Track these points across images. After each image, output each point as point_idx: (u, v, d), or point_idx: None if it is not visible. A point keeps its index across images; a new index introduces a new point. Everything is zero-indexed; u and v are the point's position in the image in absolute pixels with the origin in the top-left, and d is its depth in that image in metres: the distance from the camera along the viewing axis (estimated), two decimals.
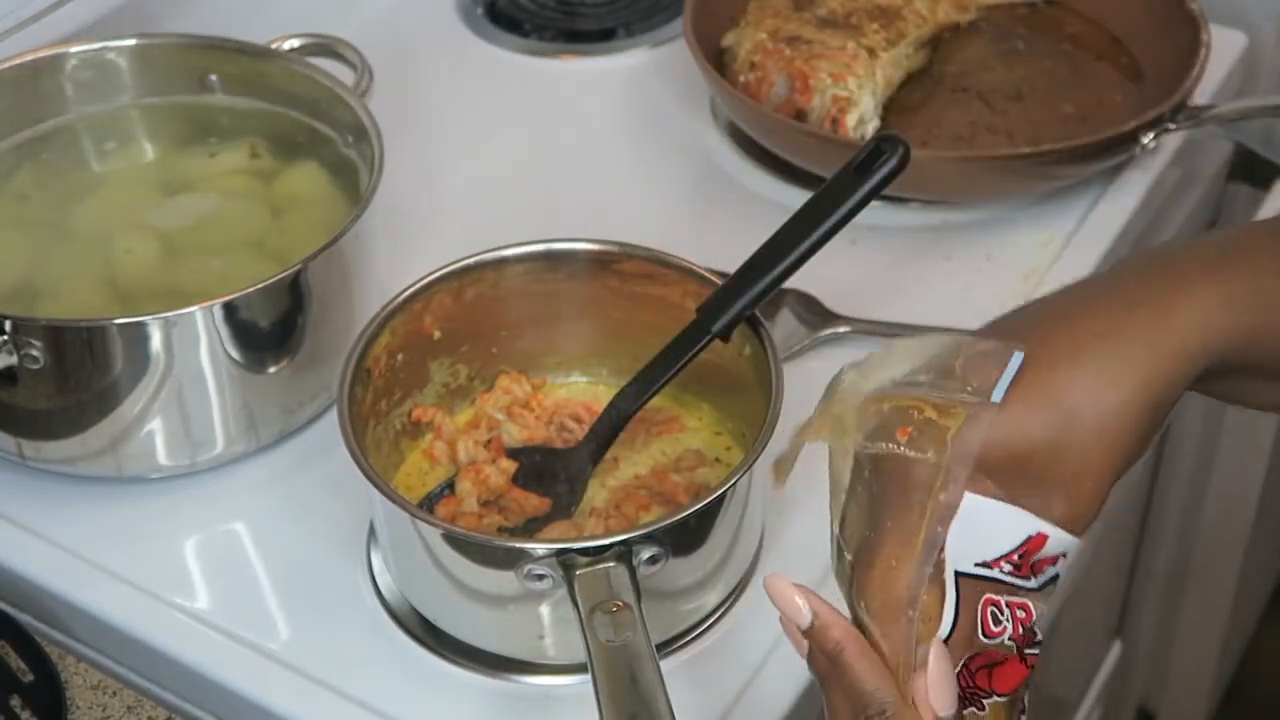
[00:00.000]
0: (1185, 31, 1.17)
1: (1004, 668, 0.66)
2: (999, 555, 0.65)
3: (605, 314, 0.95)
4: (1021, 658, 0.66)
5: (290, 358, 0.94)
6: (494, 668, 0.85)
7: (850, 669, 0.64)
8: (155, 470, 0.95)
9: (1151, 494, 1.57)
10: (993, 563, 0.65)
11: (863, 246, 1.07)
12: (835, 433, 0.68)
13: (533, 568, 0.79)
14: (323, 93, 1.04)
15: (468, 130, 1.22)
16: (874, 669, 0.64)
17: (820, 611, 0.65)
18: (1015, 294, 1.07)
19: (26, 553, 0.92)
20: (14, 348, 0.89)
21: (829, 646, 0.65)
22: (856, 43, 1.15)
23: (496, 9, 1.35)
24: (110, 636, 0.89)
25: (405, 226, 1.08)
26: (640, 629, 0.76)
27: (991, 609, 0.65)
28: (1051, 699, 1.54)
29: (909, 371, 0.67)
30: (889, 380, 0.67)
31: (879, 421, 0.66)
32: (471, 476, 0.89)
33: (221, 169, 1.07)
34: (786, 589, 0.66)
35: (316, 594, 0.90)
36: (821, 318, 1.03)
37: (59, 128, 1.07)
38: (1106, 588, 1.58)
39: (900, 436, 0.65)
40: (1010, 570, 0.65)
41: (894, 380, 0.67)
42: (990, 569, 0.65)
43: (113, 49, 1.07)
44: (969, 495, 0.64)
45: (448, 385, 0.95)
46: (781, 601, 0.66)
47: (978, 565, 0.65)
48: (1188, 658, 1.84)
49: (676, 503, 0.88)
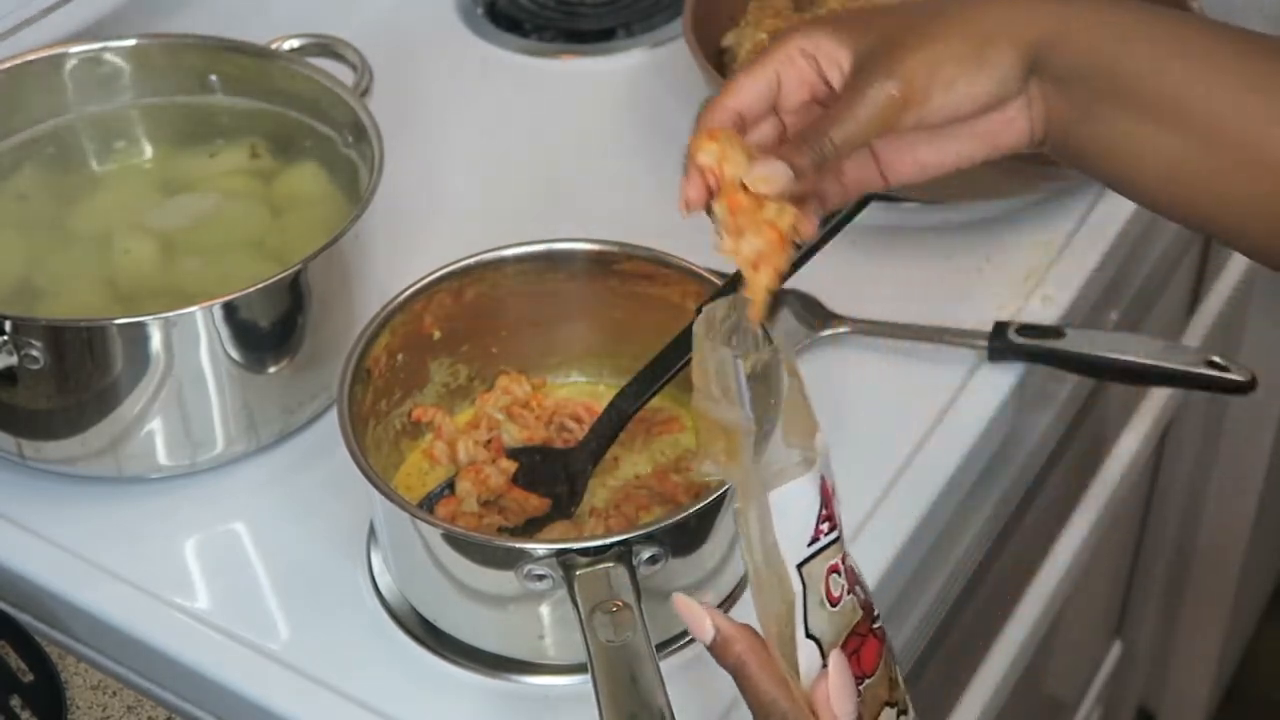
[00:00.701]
0: None
1: (863, 648, 0.69)
2: (815, 524, 0.68)
3: (605, 314, 0.95)
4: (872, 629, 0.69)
5: (290, 358, 0.94)
6: (494, 668, 0.85)
7: (750, 680, 0.68)
8: (155, 470, 0.95)
9: (1151, 494, 1.57)
10: (815, 533, 0.68)
11: (863, 246, 1.07)
12: None
13: (533, 568, 0.79)
14: (323, 93, 1.04)
15: (468, 130, 1.22)
16: (773, 679, 0.67)
17: (722, 627, 0.69)
18: (1015, 294, 1.07)
19: (26, 553, 0.92)
20: (14, 348, 0.89)
21: (730, 661, 0.69)
22: None
23: (496, 9, 1.35)
24: (110, 636, 0.89)
25: (405, 226, 1.08)
26: (640, 629, 0.76)
27: (832, 575, 0.68)
28: (1051, 699, 1.54)
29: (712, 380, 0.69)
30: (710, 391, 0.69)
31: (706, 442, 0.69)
32: (471, 476, 0.89)
33: (221, 169, 1.07)
34: (693, 607, 0.70)
35: (316, 594, 0.90)
36: (821, 318, 1.03)
37: (59, 128, 1.07)
38: (1106, 588, 1.58)
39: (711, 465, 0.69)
40: (828, 529, 0.68)
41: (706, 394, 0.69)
42: (817, 540, 0.68)
43: (113, 49, 1.07)
44: (771, 493, 0.67)
45: (448, 385, 0.95)
46: (688, 618, 0.70)
47: (809, 546, 0.67)
48: (1188, 658, 1.84)
49: (676, 503, 0.88)
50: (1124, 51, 0.71)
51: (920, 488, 0.95)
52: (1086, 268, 1.09)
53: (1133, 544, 1.61)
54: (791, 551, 0.67)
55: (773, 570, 0.67)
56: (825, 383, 1.00)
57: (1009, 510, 1.11)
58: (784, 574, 0.67)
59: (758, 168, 0.69)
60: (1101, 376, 1.09)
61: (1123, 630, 1.71)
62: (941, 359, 1.02)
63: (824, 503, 0.68)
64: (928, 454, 0.96)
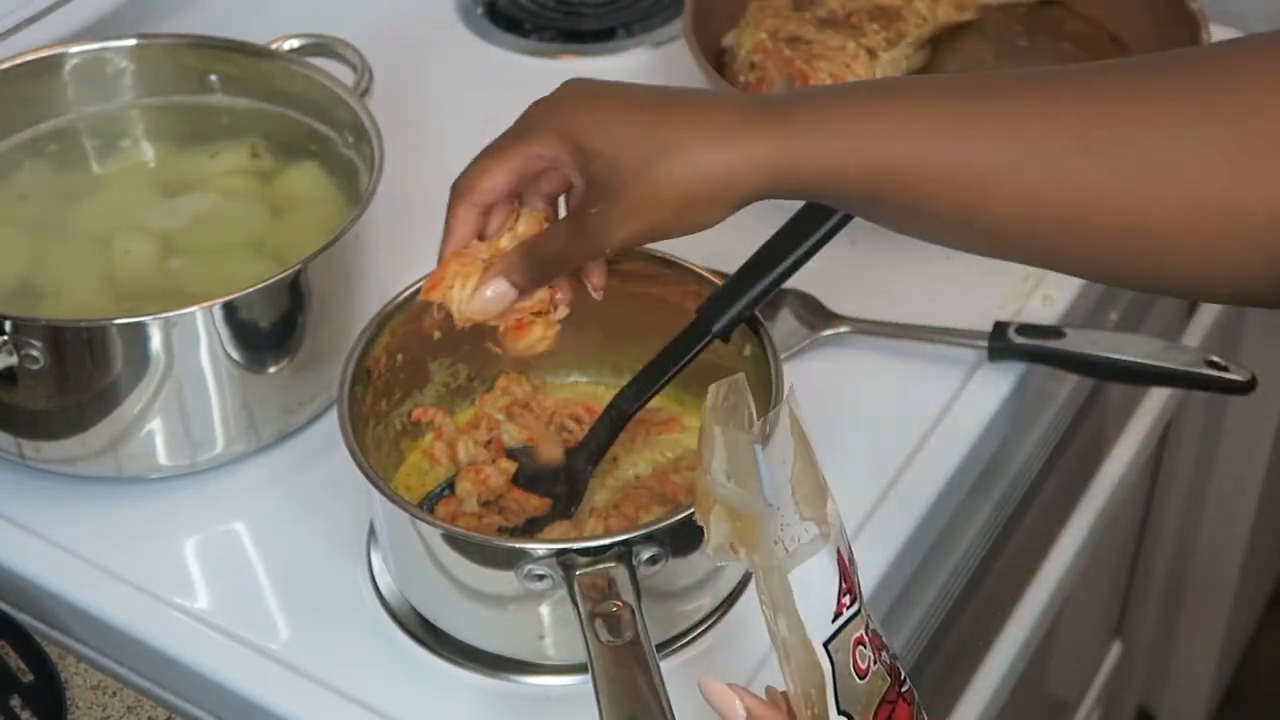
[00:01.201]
0: (1185, 31, 1.17)
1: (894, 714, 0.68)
2: (836, 598, 0.66)
3: (605, 314, 0.95)
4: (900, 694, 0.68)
5: (290, 358, 0.94)
6: (494, 668, 0.85)
7: None
8: (155, 470, 0.95)
9: (1151, 495, 1.57)
10: (838, 608, 0.66)
11: (863, 246, 1.07)
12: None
13: (533, 568, 0.79)
14: (323, 93, 1.04)
15: (468, 130, 1.21)
16: None
17: (753, 710, 0.68)
18: (1015, 294, 1.07)
19: (26, 553, 0.92)
20: (14, 348, 0.89)
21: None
22: (857, 43, 1.15)
23: (496, 9, 1.35)
24: (110, 636, 0.89)
25: (405, 226, 1.07)
26: (640, 629, 0.76)
27: (858, 648, 0.67)
28: (1051, 699, 1.54)
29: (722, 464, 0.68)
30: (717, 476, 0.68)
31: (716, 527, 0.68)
32: (471, 477, 0.89)
33: (221, 169, 1.07)
34: (721, 691, 0.68)
35: (316, 594, 0.90)
36: (821, 318, 1.03)
37: (59, 128, 1.07)
38: (1106, 588, 1.58)
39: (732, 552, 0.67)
40: (849, 601, 0.67)
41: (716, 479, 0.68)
42: (840, 615, 0.66)
43: (113, 49, 1.07)
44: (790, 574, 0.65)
45: (448, 385, 0.95)
46: (717, 703, 0.68)
47: (833, 622, 0.66)
48: (1188, 658, 1.84)
49: (676, 503, 0.88)
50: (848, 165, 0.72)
51: (920, 488, 0.95)
52: None
53: (1133, 544, 1.61)
54: (816, 630, 0.66)
55: (800, 651, 0.66)
56: (825, 383, 1.00)
57: (1009, 510, 1.11)
58: (811, 654, 0.66)
59: (478, 297, 0.81)
60: (1101, 376, 1.10)
61: (1123, 630, 1.71)
62: (941, 359, 1.02)
63: (843, 575, 0.67)
64: (928, 454, 0.96)
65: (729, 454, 0.66)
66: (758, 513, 0.65)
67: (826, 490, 0.67)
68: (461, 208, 0.81)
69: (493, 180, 0.80)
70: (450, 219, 0.82)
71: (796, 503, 0.66)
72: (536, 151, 0.78)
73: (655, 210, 0.75)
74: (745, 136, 0.73)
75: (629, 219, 0.75)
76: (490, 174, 0.80)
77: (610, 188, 0.75)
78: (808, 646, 0.66)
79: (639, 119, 0.75)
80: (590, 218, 0.76)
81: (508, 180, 0.80)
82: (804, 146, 0.72)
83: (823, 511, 0.67)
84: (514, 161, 0.79)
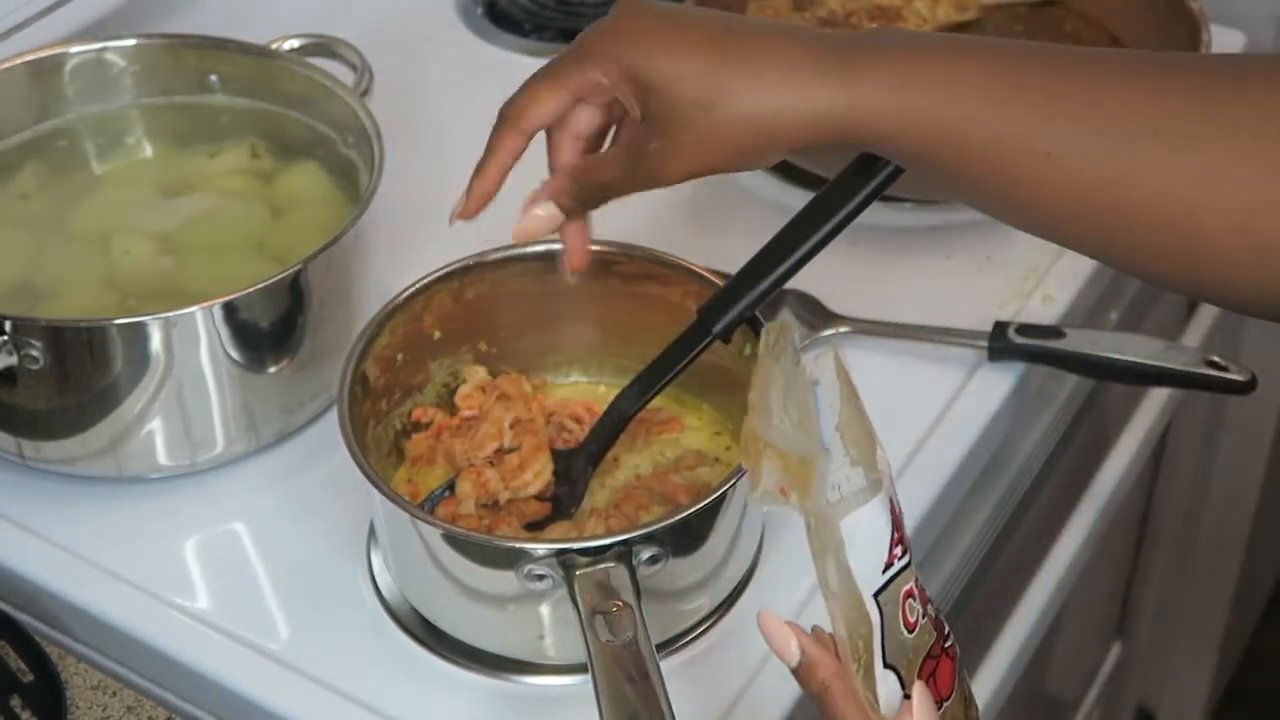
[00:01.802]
0: (1185, 31, 1.17)
1: (938, 670, 0.67)
2: (889, 549, 0.65)
3: (605, 314, 0.95)
4: (944, 649, 0.67)
5: (290, 358, 0.94)
6: (494, 668, 0.85)
7: (834, 710, 0.65)
8: (155, 470, 0.95)
9: (1151, 494, 1.57)
10: (889, 559, 0.65)
11: (863, 246, 1.07)
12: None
13: (533, 568, 0.79)
14: (323, 93, 1.04)
15: (468, 130, 1.21)
16: (857, 710, 0.65)
17: (808, 650, 0.66)
18: (1015, 294, 1.07)
19: (26, 553, 0.92)
20: (14, 348, 0.89)
21: (814, 688, 0.66)
22: None
23: (496, 9, 1.35)
24: (110, 636, 0.89)
25: (405, 226, 1.07)
26: (640, 629, 0.76)
27: (908, 601, 0.66)
28: (1051, 699, 1.54)
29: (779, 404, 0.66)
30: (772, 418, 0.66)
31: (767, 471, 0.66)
32: (472, 478, 0.89)
33: (221, 169, 1.07)
34: (779, 627, 0.67)
35: (316, 594, 0.90)
36: (821, 318, 1.03)
37: (59, 128, 1.07)
38: (1106, 588, 1.58)
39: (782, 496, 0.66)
40: (901, 553, 0.66)
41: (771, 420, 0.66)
42: (891, 565, 0.65)
43: (113, 49, 1.07)
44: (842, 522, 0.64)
45: (448, 385, 0.95)
46: (773, 639, 0.67)
47: (883, 573, 0.65)
48: (1188, 658, 1.84)
49: (676, 503, 0.88)
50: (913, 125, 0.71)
51: (920, 488, 0.95)
52: (1086, 268, 1.09)
53: (1133, 544, 1.61)
54: (866, 581, 0.64)
55: (849, 601, 0.64)
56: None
57: (1009, 510, 1.11)
58: (861, 605, 0.64)
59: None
60: (1101, 376, 1.09)
61: (1123, 630, 1.71)
62: (941, 359, 1.02)
63: (895, 525, 0.65)
64: (927, 454, 0.96)
65: (785, 395, 0.65)
66: (814, 455, 0.64)
67: (876, 438, 0.66)
68: (509, 133, 0.80)
69: (544, 108, 0.79)
70: (495, 141, 0.81)
71: (846, 448, 0.65)
72: (595, 79, 0.77)
73: (714, 151, 0.74)
74: (812, 83, 0.72)
75: (687, 157, 0.75)
76: (543, 103, 0.79)
77: (670, 124, 0.74)
78: (857, 597, 0.64)
79: (703, 54, 0.74)
80: (647, 151, 0.76)
81: (560, 107, 0.79)
82: (871, 101, 0.71)
83: (872, 459, 0.65)
84: (570, 88, 0.78)
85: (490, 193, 0.83)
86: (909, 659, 0.65)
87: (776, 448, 0.65)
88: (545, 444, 0.89)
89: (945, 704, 0.67)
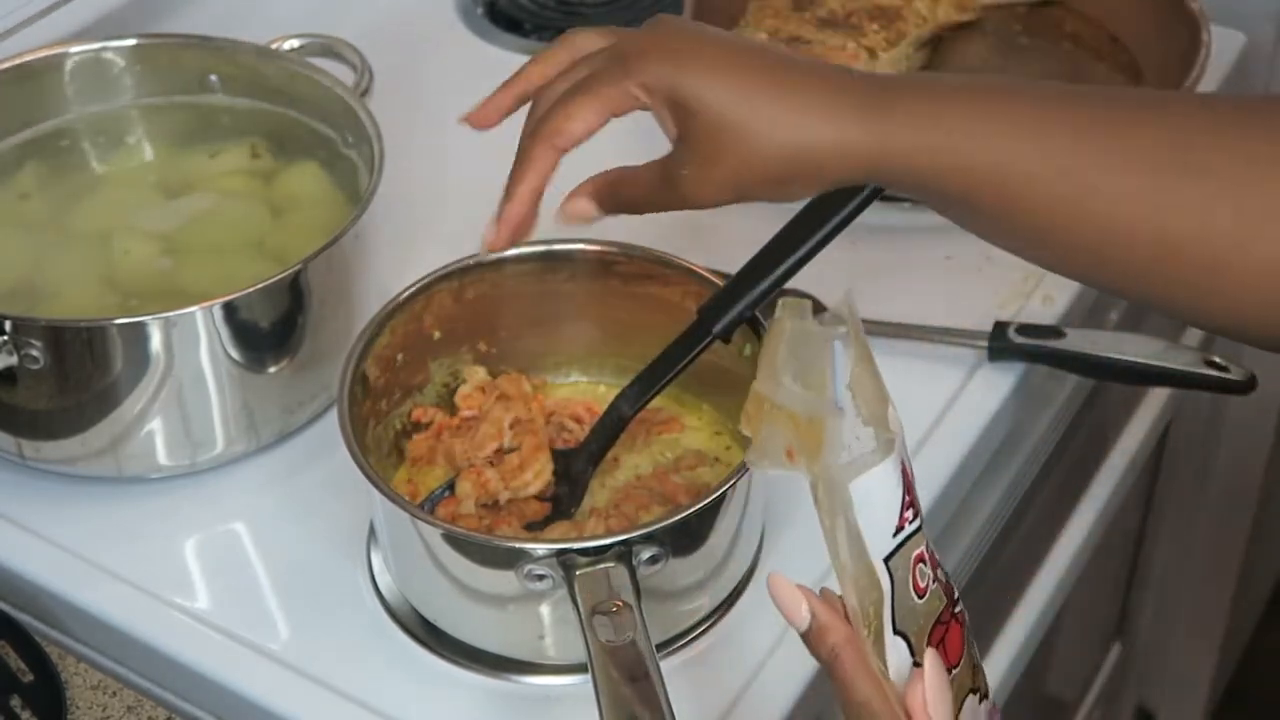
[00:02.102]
0: (1185, 31, 1.17)
1: (948, 636, 0.66)
2: (899, 512, 0.64)
3: (605, 314, 0.95)
4: (954, 615, 0.66)
5: (290, 358, 0.94)
6: (494, 668, 0.85)
7: (844, 676, 0.64)
8: (155, 470, 0.95)
9: (1151, 494, 1.57)
10: (900, 522, 0.64)
11: (863, 246, 1.07)
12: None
13: (533, 568, 0.79)
14: (323, 93, 1.04)
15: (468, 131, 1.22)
16: (868, 676, 0.64)
17: (819, 614, 0.65)
18: (1015, 294, 1.07)
19: (26, 553, 0.92)
20: (14, 348, 0.89)
21: (824, 653, 0.65)
22: (856, 43, 1.15)
23: (496, 9, 1.35)
24: (110, 636, 0.89)
25: (405, 226, 1.07)
26: (640, 629, 0.76)
27: (919, 565, 0.64)
28: (1051, 699, 1.54)
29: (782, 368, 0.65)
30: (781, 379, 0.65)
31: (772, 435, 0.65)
32: (472, 478, 0.89)
33: (221, 169, 1.07)
34: (789, 590, 0.66)
35: (316, 594, 0.90)
36: None
37: (59, 128, 1.07)
38: (1106, 588, 1.58)
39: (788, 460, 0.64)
40: (912, 516, 0.64)
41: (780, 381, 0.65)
42: (901, 529, 0.64)
43: (113, 49, 1.07)
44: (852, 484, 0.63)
45: (448, 385, 0.95)
46: (783, 602, 0.66)
47: (894, 537, 0.64)
48: (1188, 658, 1.84)
49: (676, 503, 0.88)
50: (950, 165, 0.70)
51: (920, 487, 0.94)
52: None
53: (1133, 544, 1.61)
54: (877, 545, 0.63)
55: (859, 566, 0.63)
56: None
57: (1009, 510, 1.11)
58: (871, 570, 0.63)
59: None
60: (1101, 376, 1.09)
61: (1123, 630, 1.71)
62: (941, 359, 1.02)
63: (906, 488, 0.64)
64: (927, 454, 0.96)
65: (798, 354, 0.64)
66: (825, 415, 0.62)
67: (888, 397, 0.64)
68: (545, 151, 0.79)
69: (586, 126, 0.78)
70: (528, 159, 0.79)
71: (858, 406, 0.63)
72: (634, 97, 0.76)
73: (747, 182, 0.74)
74: (849, 118, 0.71)
75: (720, 185, 0.75)
76: (583, 120, 0.77)
77: (706, 150, 0.74)
78: (867, 563, 0.63)
79: (743, 84, 0.73)
80: (681, 177, 0.75)
81: (600, 124, 0.78)
82: (908, 141, 0.71)
83: (884, 418, 0.64)
84: (612, 107, 0.77)
85: (525, 218, 0.80)
86: (919, 625, 0.64)
87: (785, 409, 0.63)
88: (545, 444, 0.89)
89: (954, 670, 0.66)
